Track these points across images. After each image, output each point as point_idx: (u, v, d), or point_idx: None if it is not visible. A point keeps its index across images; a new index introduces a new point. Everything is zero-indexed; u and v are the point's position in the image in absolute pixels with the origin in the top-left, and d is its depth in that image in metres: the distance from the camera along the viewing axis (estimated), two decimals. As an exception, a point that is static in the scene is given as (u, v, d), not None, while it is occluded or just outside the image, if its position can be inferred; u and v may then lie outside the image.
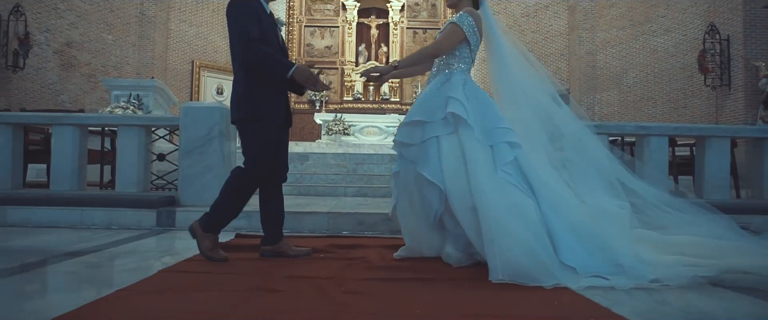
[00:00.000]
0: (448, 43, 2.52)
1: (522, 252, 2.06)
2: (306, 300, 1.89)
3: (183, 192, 4.23)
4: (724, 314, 1.80)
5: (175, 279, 2.22)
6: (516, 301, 1.89)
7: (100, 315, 1.66)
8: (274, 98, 2.61)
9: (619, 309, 1.80)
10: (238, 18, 2.50)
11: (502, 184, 2.19)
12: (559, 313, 1.78)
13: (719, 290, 2.08)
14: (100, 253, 2.96)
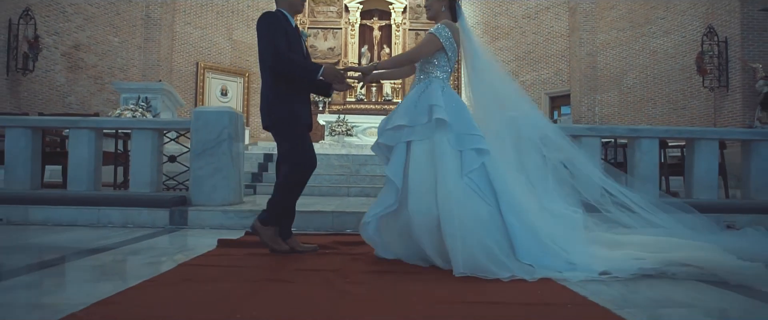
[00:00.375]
0: (425, 50, 2.73)
1: (483, 253, 2.28)
2: (314, 289, 2.12)
3: (194, 192, 4.46)
4: (687, 301, 2.02)
5: (194, 271, 2.45)
6: (501, 291, 2.11)
7: (133, 302, 1.89)
8: (300, 103, 2.84)
9: (595, 298, 2.02)
10: (268, 31, 2.75)
11: (467, 191, 2.40)
12: (541, 300, 2.00)
13: (690, 282, 2.30)
14: (120, 249, 3.19)
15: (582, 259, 2.37)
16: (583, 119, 13.35)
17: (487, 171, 2.46)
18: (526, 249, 2.36)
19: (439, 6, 2.84)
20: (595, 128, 4.64)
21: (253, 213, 4.22)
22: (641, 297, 2.10)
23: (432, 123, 2.54)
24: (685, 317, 1.84)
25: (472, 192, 2.40)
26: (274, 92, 2.81)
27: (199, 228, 4.14)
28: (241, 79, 14.82)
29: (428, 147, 2.52)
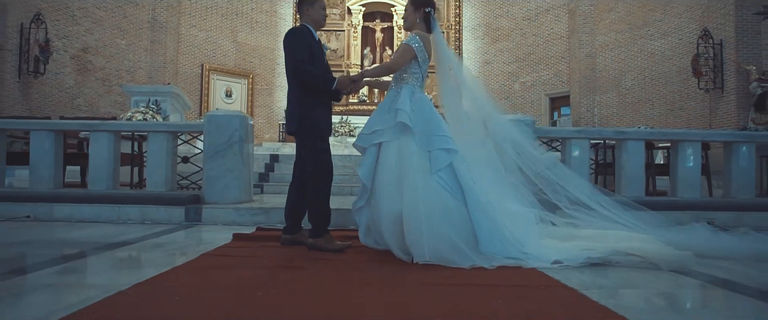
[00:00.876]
0: (401, 61, 3.04)
1: (449, 246, 2.61)
2: (324, 273, 2.46)
3: (207, 191, 4.81)
4: (644, 284, 2.36)
5: (216, 260, 2.79)
6: (486, 275, 2.45)
7: (170, 283, 2.23)
8: (321, 110, 3.18)
9: (567, 281, 2.35)
10: (294, 45, 3.09)
11: (436, 188, 2.71)
12: (521, 282, 2.33)
13: (652, 271, 2.62)
14: (143, 243, 3.53)
15: (537, 251, 2.69)
16: (583, 120, 13.66)
17: (455, 169, 2.77)
18: (488, 241, 2.68)
19: (414, 18, 3.16)
20: (584, 130, 4.96)
21: (263, 210, 4.58)
22: (605, 281, 2.43)
23: (398, 126, 2.86)
24: (639, 295, 2.17)
25: (441, 189, 2.71)
26: (299, 103, 3.14)
27: (213, 225, 4.49)
28: (246, 80, 15.18)
29: (396, 147, 2.83)
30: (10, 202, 4.60)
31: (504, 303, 1.97)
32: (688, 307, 2.18)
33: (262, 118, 15.43)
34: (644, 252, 2.66)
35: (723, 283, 2.42)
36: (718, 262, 2.81)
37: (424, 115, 2.89)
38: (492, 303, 1.98)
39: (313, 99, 3.13)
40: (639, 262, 2.64)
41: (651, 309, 2.03)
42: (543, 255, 2.66)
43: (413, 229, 2.65)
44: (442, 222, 2.65)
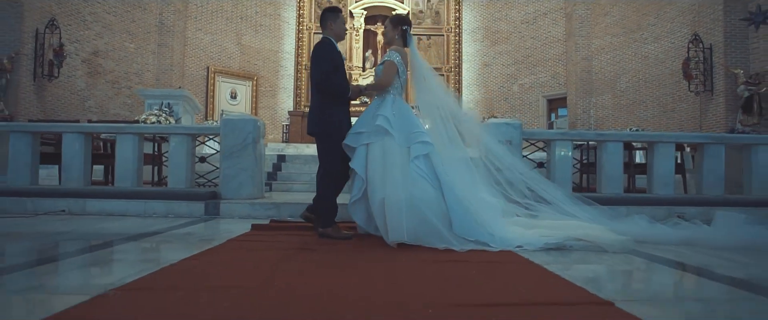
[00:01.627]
0: (390, 77, 3.58)
1: (425, 228, 3.15)
2: (333, 254, 3.02)
3: (223, 187, 5.37)
4: (599, 261, 2.92)
5: (241, 244, 3.35)
6: (463, 254, 3.00)
7: (207, 261, 2.79)
8: (340, 113, 3.69)
9: (534, 259, 2.91)
10: (321, 58, 3.61)
11: (415, 177, 3.25)
12: (494, 259, 2.88)
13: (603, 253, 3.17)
14: (173, 233, 4.09)
15: (503, 235, 3.24)
16: (579, 121, 14.21)
17: (432, 161, 3.32)
18: (460, 225, 3.24)
19: (393, 34, 3.72)
20: (567, 133, 5.52)
21: (275, 205, 5.14)
22: (566, 259, 2.98)
23: (380, 130, 3.41)
24: (591, 270, 2.72)
25: (419, 177, 3.26)
26: (320, 107, 3.66)
27: (230, 218, 5.05)
28: (250, 82, 15.75)
29: (380, 147, 3.38)
30: (47, 198, 5.17)
31: (478, 273, 2.53)
32: (621, 276, 2.73)
33: (266, 119, 15.98)
34: (594, 238, 3.21)
35: (652, 258, 2.99)
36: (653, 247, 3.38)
37: (403, 118, 3.45)
38: (468, 273, 2.53)
39: (334, 106, 3.66)
40: (589, 246, 3.19)
41: (596, 278, 2.58)
42: (508, 240, 3.21)
43: (394, 213, 3.19)
44: (421, 205, 3.20)
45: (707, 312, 2.03)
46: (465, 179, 3.45)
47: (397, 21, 3.73)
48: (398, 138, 3.38)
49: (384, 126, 3.41)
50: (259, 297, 1.98)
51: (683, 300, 2.27)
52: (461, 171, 3.46)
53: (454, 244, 3.14)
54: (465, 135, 3.69)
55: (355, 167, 3.49)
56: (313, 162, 7.93)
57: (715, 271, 2.66)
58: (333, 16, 3.80)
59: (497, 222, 3.35)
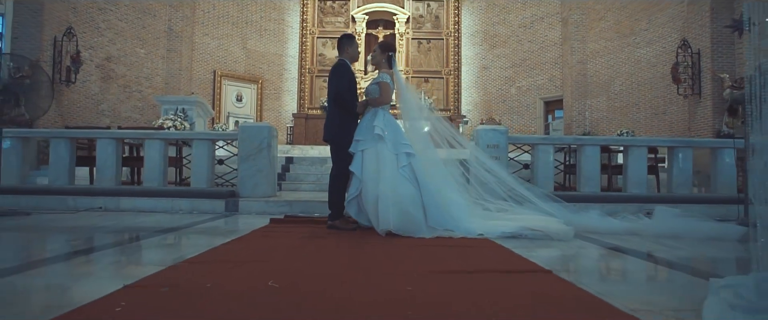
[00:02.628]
0: (389, 95, 4.35)
1: (408, 220, 3.91)
2: (341, 241, 3.79)
3: (241, 187, 6.14)
4: (552, 246, 3.67)
5: (265, 233, 4.12)
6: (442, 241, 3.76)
7: (238, 247, 3.54)
8: (351, 126, 4.41)
9: (500, 242, 3.66)
10: (337, 78, 4.37)
11: (401, 179, 4.01)
12: (468, 243, 3.64)
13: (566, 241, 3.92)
14: (200, 226, 4.85)
15: (467, 225, 4.00)
16: (575, 123, 14.94)
17: (414, 166, 4.08)
18: (434, 218, 4.02)
19: (381, 58, 4.51)
20: (548, 138, 6.28)
21: (288, 202, 5.91)
22: (531, 245, 3.73)
23: (375, 137, 4.17)
24: (548, 252, 3.47)
25: (404, 180, 4.01)
26: (338, 119, 4.40)
27: (247, 214, 5.82)
28: (255, 85, 16.53)
29: (374, 152, 4.14)
30: (86, 196, 5.95)
31: (455, 253, 3.29)
32: (568, 256, 3.48)
33: (271, 120, 16.74)
34: (543, 228, 3.97)
35: (600, 244, 3.74)
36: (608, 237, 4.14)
37: (392, 129, 4.22)
38: (453, 254, 3.28)
39: (346, 119, 4.42)
40: (539, 235, 3.94)
41: (548, 257, 3.33)
42: (470, 229, 3.98)
43: (385, 207, 3.96)
44: (406, 201, 3.96)
45: (619, 278, 2.78)
46: (438, 181, 4.21)
47: (384, 47, 4.52)
48: (389, 145, 4.15)
49: (380, 134, 4.17)
50: (287, 267, 2.75)
51: (605, 271, 3.03)
52: (435, 175, 4.23)
53: (427, 233, 3.92)
54: (435, 135, 4.47)
55: (354, 169, 4.26)
56: (319, 163, 8.70)
57: (640, 251, 3.42)
58: (349, 42, 4.57)
59: (462, 216, 4.11)
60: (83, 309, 1.86)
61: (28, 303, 2.08)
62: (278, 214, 5.71)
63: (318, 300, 2.02)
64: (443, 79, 16.67)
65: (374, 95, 4.38)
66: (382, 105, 4.36)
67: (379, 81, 4.36)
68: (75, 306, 1.89)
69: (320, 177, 8.12)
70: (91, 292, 2.13)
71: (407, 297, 2.10)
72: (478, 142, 6.11)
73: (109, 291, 2.09)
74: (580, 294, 2.20)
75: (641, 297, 2.31)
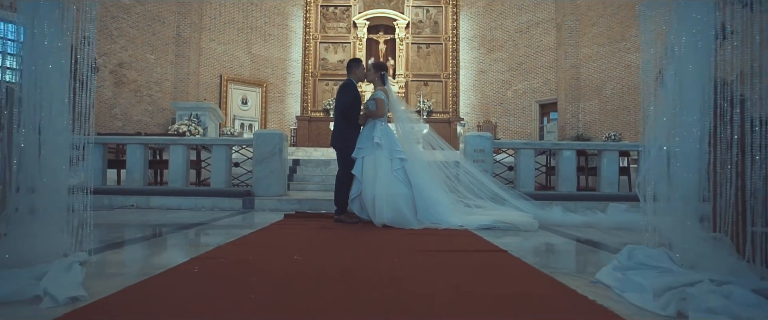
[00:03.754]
0: (383, 110, 5.25)
1: (400, 215, 4.83)
2: (346, 231, 4.72)
3: (256, 187, 7.07)
4: (521, 236, 4.59)
5: (282, 225, 5.04)
6: (430, 231, 4.68)
7: (261, 237, 4.47)
8: (354, 135, 5.31)
9: (480, 234, 4.58)
10: (344, 94, 5.29)
11: (395, 180, 4.93)
12: (449, 233, 4.56)
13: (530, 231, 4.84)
14: (224, 221, 5.78)
15: (449, 219, 4.92)
16: (568, 125, 15.84)
17: (406, 170, 5.00)
18: (422, 213, 4.94)
19: (374, 76, 5.44)
20: (529, 143, 7.18)
21: (297, 200, 6.83)
22: (501, 233, 4.65)
23: (374, 145, 5.10)
24: (511, 239, 4.39)
25: (398, 181, 4.95)
26: (344, 129, 5.32)
27: (262, 211, 6.74)
28: (260, 89, 17.47)
29: (372, 158, 5.07)
30: (118, 195, 6.88)
31: (436, 239, 4.21)
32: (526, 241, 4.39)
33: (275, 123, 17.72)
34: (512, 221, 4.90)
35: (557, 233, 4.65)
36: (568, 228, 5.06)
37: (388, 138, 5.14)
38: (434, 240, 4.21)
39: (351, 129, 5.34)
40: (509, 226, 4.86)
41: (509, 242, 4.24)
42: (453, 222, 4.91)
43: (380, 204, 4.90)
44: (398, 200, 4.89)
45: (553, 254, 3.71)
46: (427, 182, 5.14)
47: (377, 67, 5.45)
48: (385, 151, 5.08)
49: (378, 143, 5.10)
50: (306, 247, 3.68)
51: (546, 250, 3.95)
52: (424, 177, 5.15)
53: (416, 225, 4.84)
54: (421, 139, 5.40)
55: (355, 173, 5.19)
56: (323, 165, 9.62)
57: (587, 238, 4.34)
58: (356, 65, 5.50)
59: (446, 211, 5.04)
60: (171, 271, 2.78)
61: (132, 268, 3.02)
62: (290, 210, 6.64)
63: (331, 268, 2.96)
64: (442, 82, 17.58)
65: (371, 109, 5.31)
66: (378, 118, 5.28)
67: (375, 98, 5.29)
68: (164, 268, 2.82)
69: (325, 178, 9.05)
70: (170, 261, 3.07)
71: (395, 265, 3.03)
72: (466, 146, 7.03)
73: (182, 261, 3.02)
74: (518, 263, 3.13)
75: (562, 264, 3.23)
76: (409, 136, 5.34)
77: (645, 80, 3.43)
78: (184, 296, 2.26)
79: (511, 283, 2.64)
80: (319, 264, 3.02)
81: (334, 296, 2.28)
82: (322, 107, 17.24)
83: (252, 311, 2.02)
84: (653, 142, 3.10)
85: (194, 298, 2.22)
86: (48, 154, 2.97)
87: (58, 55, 3.21)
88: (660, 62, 3.74)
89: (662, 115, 3.17)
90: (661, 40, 6.70)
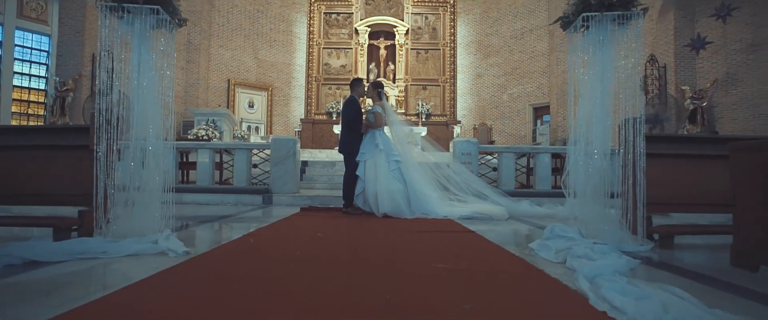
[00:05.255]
0: (381, 122, 6.62)
1: (396, 206, 6.20)
2: (353, 220, 6.08)
3: (273, 185, 8.44)
4: (493, 224, 5.96)
5: (300, 216, 6.41)
6: (419, 220, 6.04)
7: (284, 225, 5.83)
8: (357, 142, 6.66)
9: (461, 222, 5.94)
10: (348, 109, 6.66)
11: (392, 179, 6.29)
12: (436, 221, 5.92)
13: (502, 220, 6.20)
14: (249, 214, 7.13)
15: (437, 210, 6.29)
16: (560, 128, 17.19)
17: (402, 170, 6.37)
18: (415, 205, 6.30)
19: (373, 93, 6.83)
20: (510, 147, 8.54)
21: (309, 197, 8.20)
22: (477, 222, 6.00)
23: (376, 150, 6.46)
24: (484, 226, 5.75)
25: (394, 179, 6.31)
26: (349, 138, 6.68)
27: (279, 206, 8.10)
28: (266, 92, 18.84)
29: (373, 162, 6.41)
30: (156, 192, 8.25)
31: (427, 225, 5.57)
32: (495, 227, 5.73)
33: (280, 125, 19.10)
34: (488, 212, 6.26)
35: (522, 221, 6.01)
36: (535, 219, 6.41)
37: (385, 144, 6.50)
38: (420, 225, 5.56)
39: (355, 138, 6.69)
40: (485, 216, 6.22)
41: (482, 228, 5.60)
42: (440, 212, 6.27)
43: (381, 199, 6.27)
44: (395, 194, 6.26)
45: (510, 234, 5.08)
46: (418, 179, 6.50)
47: (375, 86, 6.85)
48: (384, 155, 6.43)
49: (381, 148, 6.47)
50: (324, 229, 5.05)
51: (505, 232, 5.31)
52: (416, 176, 6.51)
53: (409, 215, 6.20)
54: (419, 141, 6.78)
55: (359, 174, 6.55)
56: (329, 166, 10.99)
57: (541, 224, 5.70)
58: (358, 83, 6.87)
59: (433, 204, 6.40)
60: (233, 242, 4.15)
61: (206, 239, 4.39)
62: (303, 205, 8.00)
63: (345, 242, 4.33)
64: (440, 86, 18.93)
65: (371, 121, 6.68)
66: (377, 128, 6.65)
67: (374, 111, 6.66)
68: (229, 240, 4.18)
69: (331, 178, 10.41)
70: (229, 237, 4.43)
71: (391, 240, 4.40)
72: (455, 150, 8.40)
73: (237, 237, 4.39)
74: (479, 239, 4.50)
75: (513, 240, 4.59)
76: (402, 139, 6.70)
77: (570, 102, 4.76)
78: (252, 256, 3.63)
79: (469, 249, 4.01)
80: (336, 240, 4.38)
81: (349, 257, 3.65)
82: (325, 110, 18.61)
83: (297, 263, 3.38)
84: (572, 149, 4.45)
85: (258, 257, 3.59)
86: (148, 162, 4.32)
87: (153, 80, 4.53)
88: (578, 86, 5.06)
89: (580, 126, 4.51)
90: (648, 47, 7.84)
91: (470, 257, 3.61)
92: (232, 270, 3.07)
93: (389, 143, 6.61)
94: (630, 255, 3.50)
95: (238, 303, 2.28)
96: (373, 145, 6.54)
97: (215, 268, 3.12)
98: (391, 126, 6.85)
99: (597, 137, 4.37)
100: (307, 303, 2.31)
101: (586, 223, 4.28)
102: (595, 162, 4.32)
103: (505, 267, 3.27)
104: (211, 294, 2.42)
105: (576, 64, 4.80)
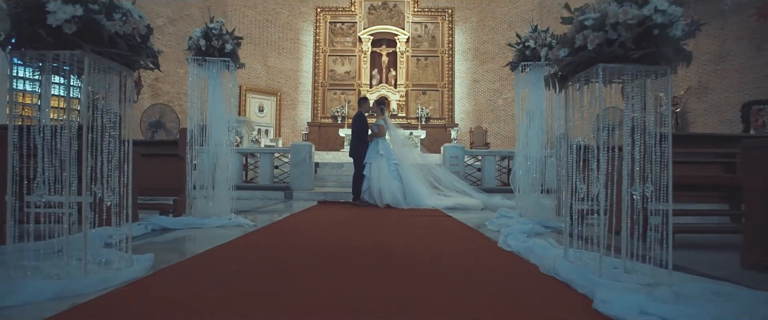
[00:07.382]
0: (383, 132, 8.76)
1: (395, 199, 8.34)
2: (361, 210, 8.20)
3: (293, 183, 10.56)
4: (471, 213, 8.07)
5: (319, 208, 8.53)
6: (413, 211, 8.16)
7: (306, 215, 7.94)
8: (364, 149, 8.83)
9: (446, 212, 8.05)
10: (357, 124, 8.83)
11: (392, 178, 8.42)
12: (425, 210, 8.03)
13: (474, 211, 8.30)
14: (272, 207, 9.24)
15: (427, 202, 8.41)
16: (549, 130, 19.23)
17: (399, 170, 8.49)
18: (410, 198, 8.44)
19: (377, 109, 9.06)
20: (492, 151, 10.63)
21: (323, 193, 10.34)
22: (458, 212, 8.10)
23: (379, 155, 8.61)
24: (463, 215, 7.86)
25: (393, 178, 8.44)
26: (358, 146, 8.83)
27: (298, 200, 10.21)
28: (275, 98, 20.96)
29: (377, 165, 8.57)
30: (195, 189, 10.40)
31: (418, 212, 7.68)
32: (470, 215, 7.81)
33: (288, 129, 21.22)
34: (466, 204, 8.37)
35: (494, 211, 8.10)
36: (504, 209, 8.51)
37: (386, 150, 8.63)
38: (413, 212, 7.67)
39: (361, 144, 8.81)
40: (465, 207, 8.33)
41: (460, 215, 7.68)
42: (429, 204, 8.40)
43: (383, 193, 8.41)
44: (394, 190, 8.38)
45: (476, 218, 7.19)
46: (412, 179, 8.60)
47: (378, 103, 9.02)
48: (385, 159, 8.54)
49: (383, 153, 8.60)
50: (340, 215, 7.17)
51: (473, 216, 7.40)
52: (411, 175, 8.61)
53: (405, 206, 8.31)
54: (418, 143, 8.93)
55: (366, 174, 8.67)
56: (338, 168, 13.10)
57: (508, 213, 7.81)
58: (364, 101, 9.01)
59: (424, 198, 8.50)
60: (280, 221, 6.27)
61: (260, 220, 6.51)
62: (318, 199, 10.11)
63: (356, 224, 6.45)
64: (439, 91, 21.01)
65: (375, 131, 8.79)
66: (380, 137, 8.76)
67: (378, 124, 8.77)
68: (275, 221, 6.30)
69: (339, 178, 12.52)
70: (273, 219, 6.56)
71: (390, 220, 6.53)
72: (445, 153, 10.51)
73: (279, 220, 6.51)
74: (452, 220, 6.62)
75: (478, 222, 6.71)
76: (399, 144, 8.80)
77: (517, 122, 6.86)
78: (298, 229, 5.75)
79: (442, 226, 6.11)
80: (350, 222, 6.49)
81: (358, 232, 5.76)
82: (330, 114, 20.71)
83: (325, 235, 5.49)
84: (518, 151, 6.56)
85: (301, 231, 5.71)
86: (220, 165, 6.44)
87: (219, 101, 6.62)
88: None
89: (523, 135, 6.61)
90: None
91: (441, 228, 5.71)
92: (292, 232, 5.19)
93: (389, 149, 8.70)
94: (551, 229, 5.60)
95: (304, 244, 4.41)
96: (376, 151, 8.63)
97: (279, 232, 5.24)
98: (391, 132, 8.94)
99: (533, 148, 6.46)
100: (346, 239, 4.44)
101: (526, 208, 6.38)
102: (532, 166, 6.41)
103: (461, 232, 5.39)
104: (281, 243, 4.55)
105: (520, 96, 6.82)
